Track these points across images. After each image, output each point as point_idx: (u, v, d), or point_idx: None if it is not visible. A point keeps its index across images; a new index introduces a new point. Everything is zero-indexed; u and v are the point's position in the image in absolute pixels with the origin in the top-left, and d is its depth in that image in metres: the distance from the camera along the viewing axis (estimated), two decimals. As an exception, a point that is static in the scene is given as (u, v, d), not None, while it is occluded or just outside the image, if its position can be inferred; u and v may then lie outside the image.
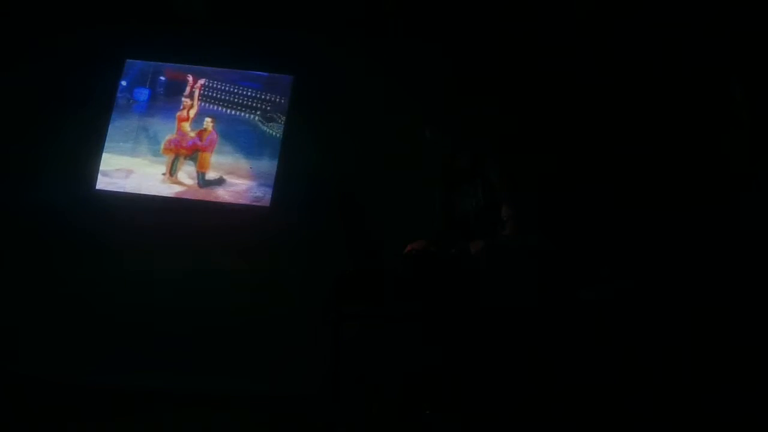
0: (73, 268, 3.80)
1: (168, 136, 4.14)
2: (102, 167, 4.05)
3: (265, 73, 4.26)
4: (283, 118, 4.16)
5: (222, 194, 4.04)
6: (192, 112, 4.18)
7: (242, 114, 4.19)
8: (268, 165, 4.08)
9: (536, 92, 4.01)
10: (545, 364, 2.59)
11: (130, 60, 4.25)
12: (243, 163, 4.09)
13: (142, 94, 4.23)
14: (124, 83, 4.22)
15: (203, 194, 4.03)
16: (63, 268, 3.79)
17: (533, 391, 2.55)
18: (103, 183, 4.04)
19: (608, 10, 3.94)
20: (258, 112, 4.18)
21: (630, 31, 3.95)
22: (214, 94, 4.22)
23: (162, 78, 4.26)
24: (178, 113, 4.18)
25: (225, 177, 4.06)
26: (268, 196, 4.01)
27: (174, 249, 3.84)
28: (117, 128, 4.14)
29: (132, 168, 4.07)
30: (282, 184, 4.02)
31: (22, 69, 4.24)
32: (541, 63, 4.07)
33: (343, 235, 2.73)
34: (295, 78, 4.22)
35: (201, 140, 4.13)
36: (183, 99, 4.20)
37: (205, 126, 4.15)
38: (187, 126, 4.16)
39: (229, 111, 4.19)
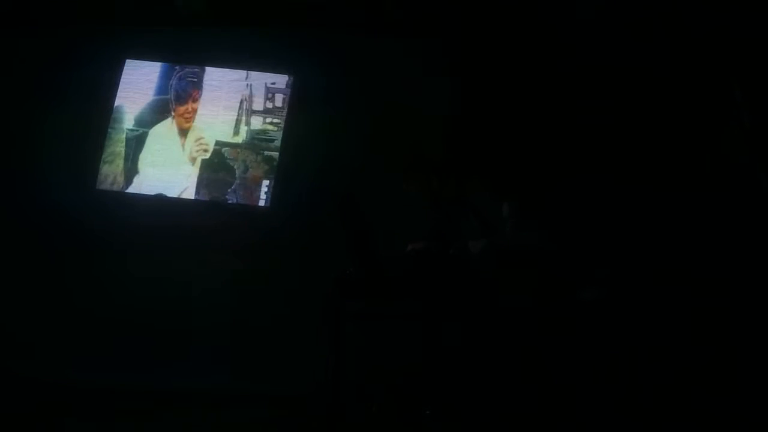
0: (73, 268, 3.80)
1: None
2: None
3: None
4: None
5: (222, 194, 4.04)
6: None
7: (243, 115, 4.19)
8: (269, 165, 4.07)
9: (536, 93, 4.01)
10: (545, 364, 2.59)
11: (131, 60, 4.25)
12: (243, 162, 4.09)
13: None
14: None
15: (203, 194, 4.03)
16: (62, 268, 3.79)
17: (533, 390, 2.55)
18: (103, 183, 4.04)
19: (607, 11, 3.94)
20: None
21: (630, 29, 3.96)
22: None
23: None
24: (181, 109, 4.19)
25: (226, 177, 4.07)
26: (268, 196, 4.01)
27: (174, 249, 3.83)
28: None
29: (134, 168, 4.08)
30: (282, 184, 4.02)
31: (22, 69, 4.24)
32: (541, 63, 4.08)
33: (343, 235, 2.73)
34: (295, 78, 4.22)
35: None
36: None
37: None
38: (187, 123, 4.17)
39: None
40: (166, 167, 4.08)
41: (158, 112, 4.19)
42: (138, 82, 4.22)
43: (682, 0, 3.77)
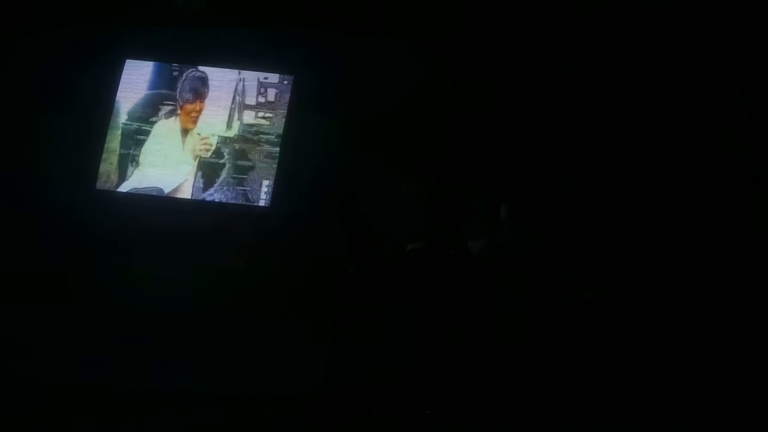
0: (73, 268, 3.79)
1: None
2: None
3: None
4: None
5: (222, 194, 4.04)
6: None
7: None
8: (268, 164, 4.07)
9: (535, 93, 4.01)
10: (545, 363, 2.60)
11: (131, 60, 4.25)
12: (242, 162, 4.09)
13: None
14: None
15: (203, 194, 4.03)
16: (63, 268, 3.79)
17: (532, 390, 2.56)
18: (103, 183, 4.04)
19: (607, 11, 3.94)
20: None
21: (629, 30, 3.96)
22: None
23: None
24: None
25: (226, 176, 4.06)
26: (268, 196, 4.01)
27: (174, 249, 3.83)
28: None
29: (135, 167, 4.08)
30: (282, 184, 4.01)
31: (22, 69, 4.24)
32: (540, 63, 4.08)
33: (343, 235, 2.73)
34: (295, 78, 4.22)
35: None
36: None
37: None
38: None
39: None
40: (167, 167, 4.07)
41: (159, 111, 4.19)
42: (138, 82, 4.22)
43: (682, 0, 3.77)
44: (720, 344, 2.91)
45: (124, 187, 4.04)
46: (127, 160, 4.08)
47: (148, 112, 4.18)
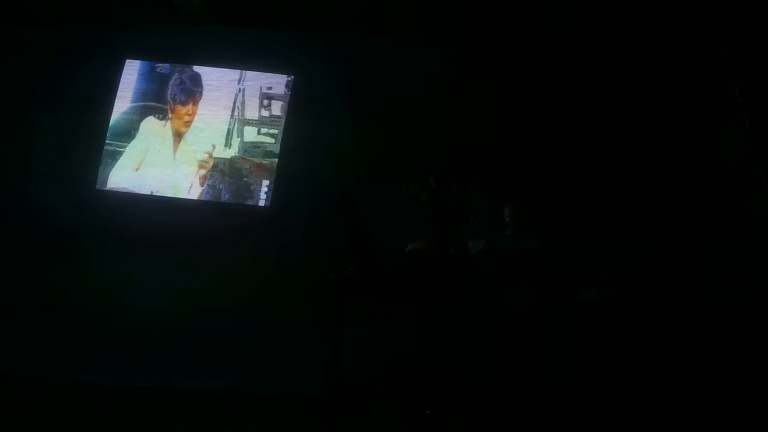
0: (74, 268, 3.79)
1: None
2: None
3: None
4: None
5: (222, 194, 4.04)
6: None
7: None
8: (268, 165, 4.07)
9: (536, 93, 4.01)
10: (544, 364, 2.59)
11: (131, 60, 4.25)
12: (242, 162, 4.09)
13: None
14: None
15: (203, 194, 4.03)
16: (63, 269, 3.79)
17: (532, 390, 2.55)
18: (103, 183, 4.04)
19: (607, 9, 3.94)
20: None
21: (629, 30, 3.96)
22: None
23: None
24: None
25: (225, 177, 4.06)
26: (268, 196, 4.01)
27: (174, 249, 3.83)
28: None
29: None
30: (282, 184, 4.02)
31: (21, 69, 4.24)
32: (540, 64, 4.08)
33: (343, 235, 2.73)
34: (294, 78, 4.22)
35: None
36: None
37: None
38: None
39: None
40: (167, 167, 4.08)
41: (158, 111, 4.19)
42: (137, 82, 4.22)
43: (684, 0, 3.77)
44: (720, 344, 2.91)
45: (122, 187, 4.03)
46: (129, 163, 4.08)
47: (152, 115, 4.18)
